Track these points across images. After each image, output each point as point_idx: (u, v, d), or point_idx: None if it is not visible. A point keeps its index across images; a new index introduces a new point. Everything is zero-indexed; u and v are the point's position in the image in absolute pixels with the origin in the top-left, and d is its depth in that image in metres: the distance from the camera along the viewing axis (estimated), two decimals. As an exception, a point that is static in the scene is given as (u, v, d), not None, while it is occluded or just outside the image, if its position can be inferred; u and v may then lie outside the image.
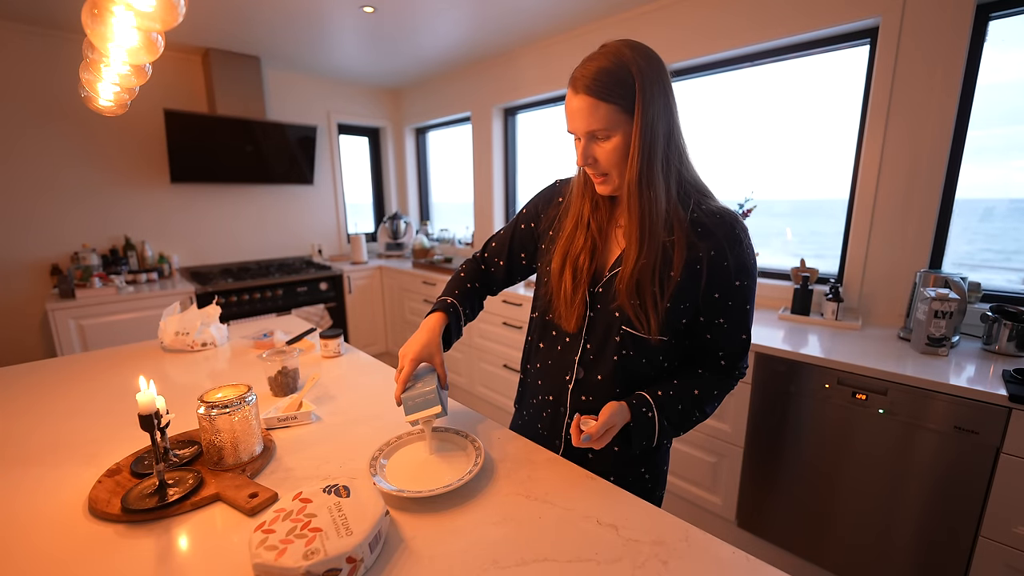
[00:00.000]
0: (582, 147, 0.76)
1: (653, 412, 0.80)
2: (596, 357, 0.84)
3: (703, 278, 0.78)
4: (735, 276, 0.78)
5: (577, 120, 0.74)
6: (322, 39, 2.80)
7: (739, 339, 0.84)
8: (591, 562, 0.61)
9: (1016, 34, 1.54)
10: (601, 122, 0.72)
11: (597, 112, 0.71)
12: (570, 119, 0.76)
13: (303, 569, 0.53)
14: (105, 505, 0.70)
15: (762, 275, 2.21)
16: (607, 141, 0.74)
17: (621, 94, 0.71)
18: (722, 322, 0.81)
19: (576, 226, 0.85)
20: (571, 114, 0.75)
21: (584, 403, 0.87)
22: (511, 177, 3.38)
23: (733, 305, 0.80)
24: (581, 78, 0.72)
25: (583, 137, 0.75)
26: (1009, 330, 1.43)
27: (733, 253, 0.77)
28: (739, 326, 0.83)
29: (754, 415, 1.65)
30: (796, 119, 2.12)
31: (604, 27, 2.50)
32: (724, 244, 0.77)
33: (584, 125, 0.73)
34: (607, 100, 0.71)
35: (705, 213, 0.78)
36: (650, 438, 0.81)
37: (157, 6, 0.83)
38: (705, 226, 0.77)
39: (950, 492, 1.30)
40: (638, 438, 0.81)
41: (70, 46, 2.58)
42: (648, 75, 0.71)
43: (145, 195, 2.96)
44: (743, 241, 0.78)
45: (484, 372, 2.84)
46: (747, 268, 0.79)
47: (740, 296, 0.80)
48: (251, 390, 0.84)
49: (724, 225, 0.78)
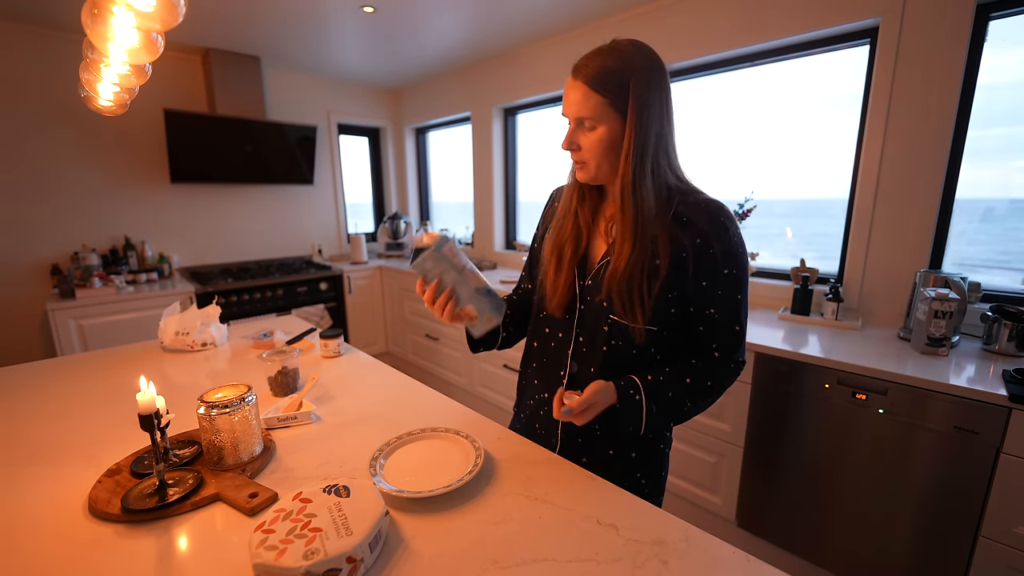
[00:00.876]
0: (569, 131, 0.80)
1: (641, 395, 0.79)
2: (588, 350, 0.86)
3: (690, 267, 0.78)
4: (722, 264, 0.78)
5: (570, 105, 0.78)
6: (322, 39, 2.80)
7: (732, 330, 0.82)
8: (591, 562, 0.61)
9: (1016, 34, 1.54)
10: (590, 111, 0.76)
11: (588, 101, 0.75)
12: (564, 102, 0.80)
13: (303, 569, 0.53)
14: (105, 505, 0.70)
15: (762, 275, 2.21)
16: (592, 131, 0.77)
17: (615, 91, 0.74)
18: (712, 312, 0.81)
19: (564, 215, 0.90)
20: (566, 98, 0.79)
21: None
22: (511, 177, 3.38)
23: (723, 295, 0.80)
24: (582, 67, 0.76)
25: (572, 123, 0.80)
26: (1009, 330, 1.43)
27: (719, 241, 0.78)
28: (731, 316, 0.81)
29: (754, 415, 1.65)
30: (796, 119, 2.12)
31: (604, 27, 2.50)
32: (709, 232, 0.78)
33: (574, 111, 0.77)
34: (600, 92, 0.74)
35: (689, 206, 0.80)
36: (637, 422, 0.81)
37: (157, 6, 0.84)
38: (689, 217, 0.79)
39: (950, 492, 1.30)
40: (625, 421, 0.80)
41: (70, 46, 2.59)
42: (645, 78, 0.75)
43: (145, 195, 2.96)
44: (729, 229, 0.79)
45: (484, 372, 2.84)
46: (735, 256, 0.79)
47: (729, 285, 0.79)
48: (251, 390, 0.84)
49: (709, 214, 0.79)
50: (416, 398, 1.13)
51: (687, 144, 2.44)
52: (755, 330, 1.76)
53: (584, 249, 0.87)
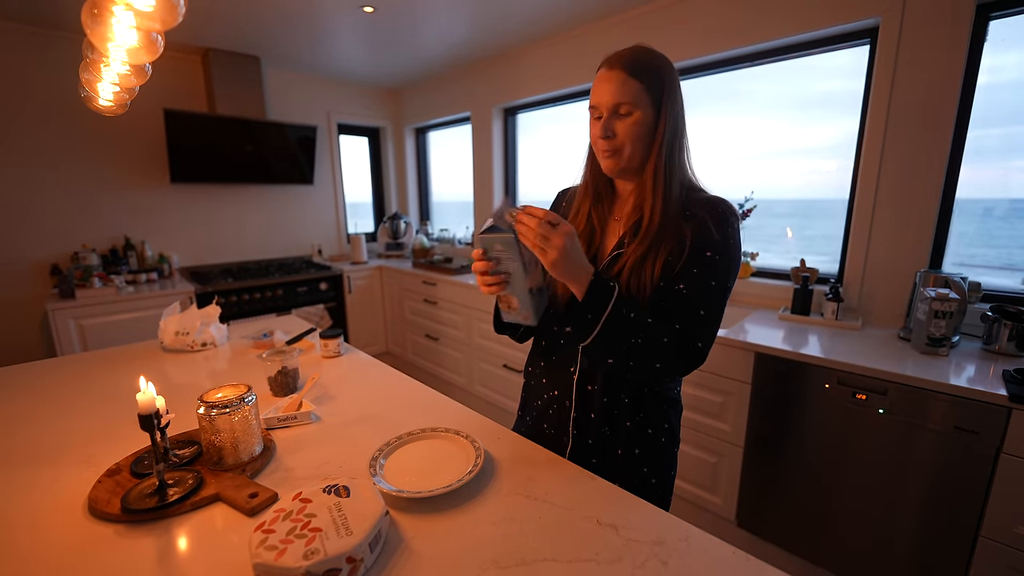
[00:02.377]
0: (604, 120, 0.80)
1: (616, 289, 0.74)
2: None
3: (686, 252, 0.79)
4: (709, 247, 0.79)
5: (606, 93, 0.79)
6: (322, 39, 2.80)
7: (695, 312, 0.78)
8: (591, 562, 0.61)
9: (1016, 34, 1.54)
10: (629, 95, 0.77)
11: (627, 86, 0.77)
12: (599, 94, 0.80)
13: (303, 569, 0.53)
14: (105, 505, 0.70)
15: (762, 275, 2.21)
16: (628, 116, 0.79)
17: (650, 79, 0.78)
18: (681, 287, 0.78)
19: (576, 215, 0.92)
20: (601, 88, 0.80)
21: (589, 392, 0.88)
22: (511, 177, 3.38)
23: (696, 273, 0.78)
24: (617, 57, 0.79)
25: (606, 112, 0.80)
26: (1009, 330, 1.43)
27: (716, 227, 0.79)
28: (697, 297, 0.78)
29: (754, 415, 1.65)
30: (796, 119, 2.12)
31: (604, 27, 2.50)
32: (709, 220, 0.80)
33: (611, 98, 0.78)
34: (637, 78, 0.77)
35: (695, 202, 0.82)
36: (599, 312, 0.73)
37: (157, 6, 0.84)
38: (693, 209, 0.82)
39: (950, 492, 1.30)
40: (585, 307, 0.73)
41: (70, 46, 2.58)
42: (672, 75, 0.81)
43: (145, 195, 2.96)
44: (728, 220, 0.80)
45: (484, 372, 2.84)
46: (724, 245, 0.79)
47: (705, 267, 0.78)
48: (251, 390, 0.84)
49: (712, 206, 0.81)
50: (416, 398, 1.13)
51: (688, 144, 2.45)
52: (755, 330, 1.76)
53: (596, 248, 0.89)
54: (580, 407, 0.89)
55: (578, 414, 0.90)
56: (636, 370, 0.78)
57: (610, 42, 2.47)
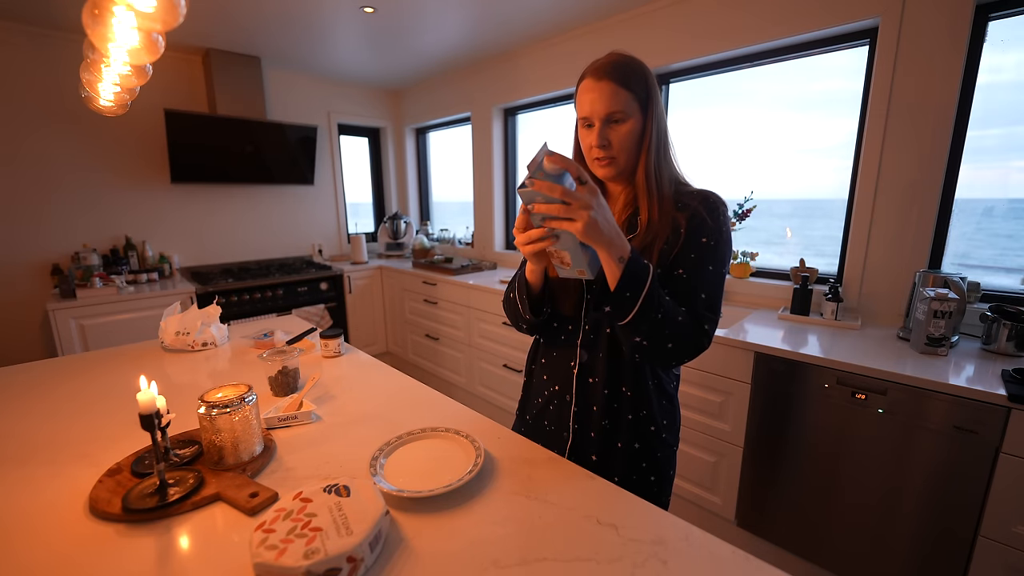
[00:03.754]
0: (597, 130, 0.81)
1: (649, 263, 0.74)
2: (596, 336, 0.89)
3: (682, 239, 0.82)
4: (704, 234, 0.82)
5: (598, 103, 0.80)
6: (322, 39, 2.80)
7: (698, 297, 0.80)
8: (591, 562, 0.61)
9: (1016, 34, 1.54)
10: (621, 104, 0.79)
11: (618, 96, 0.79)
12: (590, 104, 0.81)
13: (303, 569, 0.53)
14: (106, 505, 0.70)
15: (762, 275, 2.21)
16: (622, 124, 0.81)
17: (637, 87, 0.80)
18: (681, 272, 0.82)
19: None
20: (591, 99, 0.81)
21: (590, 385, 0.89)
22: (511, 177, 3.38)
23: (695, 258, 0.82)
24: (604, 67, 0.80)
25: (598, 121, 0.81)
26: (1008, 330, 1.43)
27: (709, 215, 0.82)
28: (696, 282, 0.80)
29: (754, 415, 1.65)
30: (796, 119, 2.12)
31: (604, 27, 2.50)
32: (703, 210, 0.83)
33: (605, 107, 0.80)
34: (627, 87, 0.79)
35: (685, 194, 0.86)
36: (638, 288, 0.72)
37: (158, 6, 0.84)
38: (685, 200, 0.85)
39: (949, 492, 1.30)
40: (626, 285, 0.71)
41: (70, 46, 2.59)
42: (652, 79, 0.83)
43: (145, 195, 2.96)
44: (719, 209, 0.83)
45: (484, 372, 2.84)
46: (717, 231, 0.82)
47: (703, 252, 0.82)
48: (251, 390, 0.84)
49: (704, 198, 0.84)
50: (416, 398, 1.13)
51: (688, 144, 2.46)
52: (755, 330, 1.76)
53: None
54: (581, 401, 0.91)
55: (579, 408, 0.91)
56: (649, 350, 0.77)
57: (610, 42, 2.47)
